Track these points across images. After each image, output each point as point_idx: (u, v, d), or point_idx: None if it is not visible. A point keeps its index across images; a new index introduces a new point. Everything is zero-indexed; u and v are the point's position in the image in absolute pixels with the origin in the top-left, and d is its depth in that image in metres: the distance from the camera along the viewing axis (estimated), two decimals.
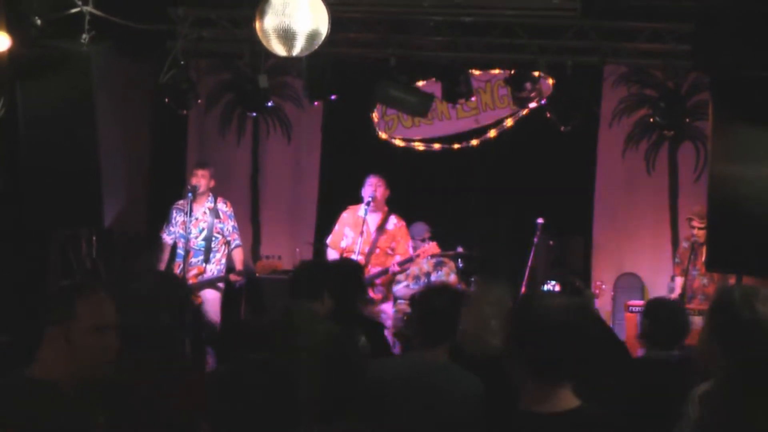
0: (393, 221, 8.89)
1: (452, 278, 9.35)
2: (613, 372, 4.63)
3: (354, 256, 8.48)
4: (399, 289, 9.45)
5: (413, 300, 8.68)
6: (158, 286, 4.00)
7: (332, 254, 8.88)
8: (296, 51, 6.28)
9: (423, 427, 4.00)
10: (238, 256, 9.07)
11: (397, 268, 8.73)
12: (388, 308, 8.86)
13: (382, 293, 8.77)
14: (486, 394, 4.11)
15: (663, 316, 4.98)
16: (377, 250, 8.77)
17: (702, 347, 3.37)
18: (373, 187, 8.73)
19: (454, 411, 4.01)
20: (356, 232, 8.70)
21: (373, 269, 8.68)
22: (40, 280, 7.88)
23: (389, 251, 8.81)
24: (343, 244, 8.84)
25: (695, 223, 8.76)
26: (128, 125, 10.05)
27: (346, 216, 8.97)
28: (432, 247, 8.79)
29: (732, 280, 7.13)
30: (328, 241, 9.03)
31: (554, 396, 2.87)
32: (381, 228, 8.82)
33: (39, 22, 6.84)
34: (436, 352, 4.36)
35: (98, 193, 7.20)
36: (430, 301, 4.53)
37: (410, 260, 8.84)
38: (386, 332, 8.63)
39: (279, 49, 6.31)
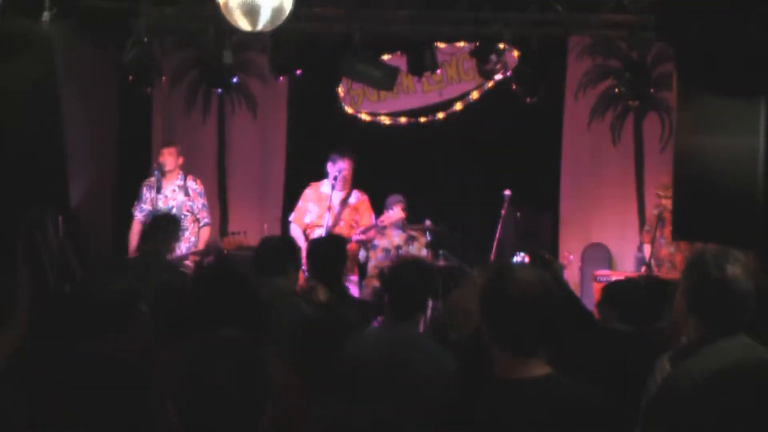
0: (356, 195, 8.91)
1: (424, 253, 9.37)
2: (580, 342, 4.67)
3: (320, 231, 8.50)
4: (363, 256, 9.43)
5: (382, 273, 8.73)
6: None
7: (296, 230, 8.87)
8: (260, 26, 6.26)
9: (396, 402, 4.01)
10: (203, 235, 9.06)
11: (360, 237, 8.73)
12: (353, 280, 8.88)
13: (347, 264, 8.77)
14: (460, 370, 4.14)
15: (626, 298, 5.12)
16: (341, 223, 8.79)
17: (676, 305, 3.44)
18: (345, 172, 8.71)
19: (426, 385, 4.02)
20: (321, 207, 8.71)
21: None
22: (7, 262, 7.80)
23: (353, 224, 8.83)
24: (307, 219, 8.85)
25: (662, 195, 8.84)
26: (93, 104, 9.95)
27: (309, 192, 8.97)
28: (396, 212, 8.77)
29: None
30: (292, 218, 9.02)
31: (525, 364, 2.95)
32: (344, 202, 8.83)
33: None
34: (407, 325, 4.36)
35: (64, 173, 7.12)
36: (399, 274, 4.50)
37: (373, 227, 8.82)
38: None
39: (243, 24, 6.28)
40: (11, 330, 3.10)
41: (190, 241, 8.92)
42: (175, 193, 8.88)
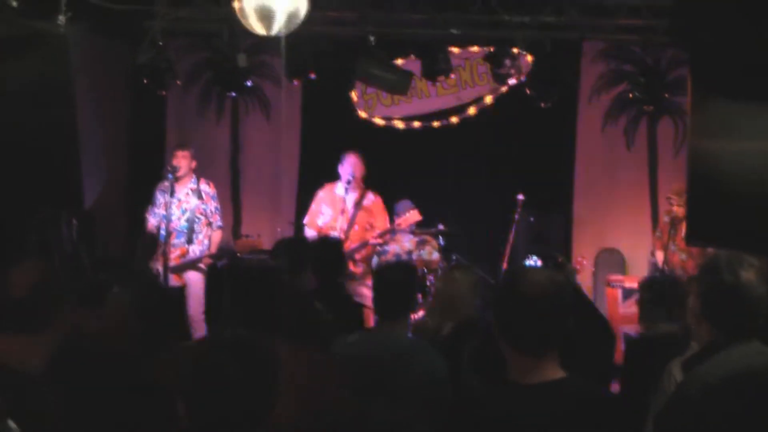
0: (370, 197, 8.89)
1: (435, 257, 9.35)
2: (595, 346, 4.67)
3: (334, 234, 8.49)
4: (375, 261, 9.43)
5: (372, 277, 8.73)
6: None
7: (310, 233, 8.86)
8: (275, 30, 6.26)
9: (386, 401, 4.02)
10: (216, 238, 9.06)
11: (377, 240, 8.72)
12: (370, 284, 8.86)
13: (362, 268, 8.78)
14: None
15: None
16: (356, 227, 8.77)
17: (690, 311, 3.42)
18: (352, 167, 8.71)
19: (415, 384, 4.05)
20: (335, 209, 8.70)
21: (352, 245, 8.69)
22: (18, 261, 7.82)
23: (368, 227, 8.81)
24: (321, 222, 8.83)
25: (674, 201, 8.82)
26: (107, 106, 10.00)
27: (322, 194, 8.96)
28: (413, 215, 8.75)
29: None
30: (305, 220, 9.01)
31: (539, 368, 2.94)
32: (359, 204, 8.82)
33: (15, 2, 6.77)
34: (395, 325, 4.42)
35: (78, 174, 7.15)
36: (385, 275, 4.62)
37: (390, 231, 8.82)
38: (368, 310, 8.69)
39: (258, 28, 6.29)
40: (55, 331, 3.15)
41: (203, 244, 8.92)
42: (189, 196, 8.89)
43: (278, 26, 6.23)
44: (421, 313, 6.54)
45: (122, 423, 3.36)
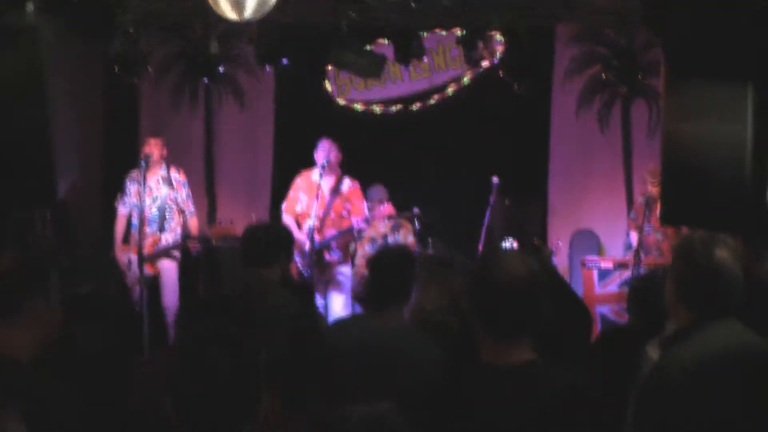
0: (347, 183, 8.87)
1: (410, 240, 9.35)
2: (571, 327, 4.69)
3: (309, 221, 8.48)
4: (352, 247, 9.43)
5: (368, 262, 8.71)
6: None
7: (287, 220, 8.85)
8: (247, 15, 6.24)
9: (378, 391, 4.00)
10: (194, 224, 9.05)
11: (363, 225, 8.70)
12: (347, 270, 8.87)
13: (338, 256, 8.77)
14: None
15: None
16: (332, 213, 8.76)
17: (666, 293, 3.44)
18: (326, 152, 8.69)
19: (408, 374, 4.01)
20: (311, 196, 8.68)
21: (328, 232, 8.68)
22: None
23: (345, 213, 8.80)
24: (298, 209, 8.82)
25: (650, 181, 8.86)
26: (80, 97, 9.92)
27: (299, 181, 8.93)
28: (386, 209, 8.77)
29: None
30: (283, 207, 8.99)
31: (511, 350, 2.98)
32: (335, 190, 8.80)
33: None
34: (388, 314, 4.34)
35: (51, 168, 7.10)
36: (379, 263, 4.52)
37: (365, 220, 8.83)
38: (346, 295, 8.71)
39: (229, 13, 6.27)
40: (35, 320, 3.14)
41: (176, 232, 8.89)
42: (159, 184, 8.85)
43: (249, 12, 6.21)
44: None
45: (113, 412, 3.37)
